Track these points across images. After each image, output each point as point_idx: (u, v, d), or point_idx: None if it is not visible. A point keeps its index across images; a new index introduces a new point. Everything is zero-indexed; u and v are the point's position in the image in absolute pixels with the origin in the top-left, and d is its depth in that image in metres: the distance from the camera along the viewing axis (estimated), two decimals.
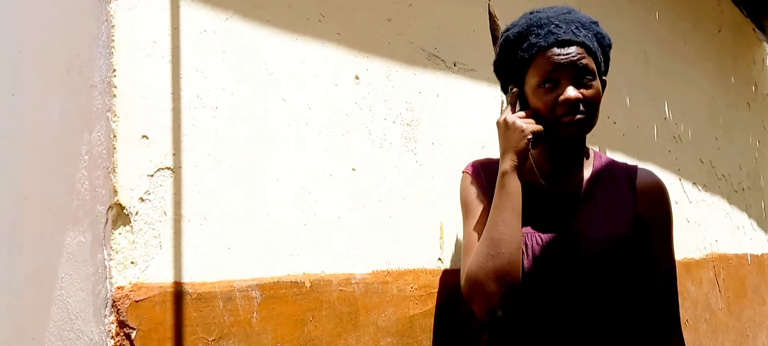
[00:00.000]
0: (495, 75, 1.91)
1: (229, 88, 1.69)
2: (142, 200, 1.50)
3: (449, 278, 2.17)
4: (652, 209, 1.55)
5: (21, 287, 1.72)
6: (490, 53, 2.51)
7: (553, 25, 1.47)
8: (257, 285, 1.69)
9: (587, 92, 1.46)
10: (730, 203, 4.32)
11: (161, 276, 1.52)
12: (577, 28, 1.47)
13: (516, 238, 1.41)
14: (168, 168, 1.55)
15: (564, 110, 1.44)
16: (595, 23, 1.57)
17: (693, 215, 3.82)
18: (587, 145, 1.71)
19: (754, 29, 5.07)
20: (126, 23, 1.50)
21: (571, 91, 1.43)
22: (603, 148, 3.05)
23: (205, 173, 1.62)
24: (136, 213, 1.49)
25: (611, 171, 1.59)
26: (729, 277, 4.13)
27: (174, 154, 1.56)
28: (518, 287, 1.44)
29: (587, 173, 1.57)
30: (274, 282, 1.73)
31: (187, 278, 1.56)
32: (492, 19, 2.54)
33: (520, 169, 1.47)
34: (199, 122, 1.62)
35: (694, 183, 3.91)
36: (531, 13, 1.62)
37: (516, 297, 1.47)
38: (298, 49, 1.86)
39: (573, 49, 1.45)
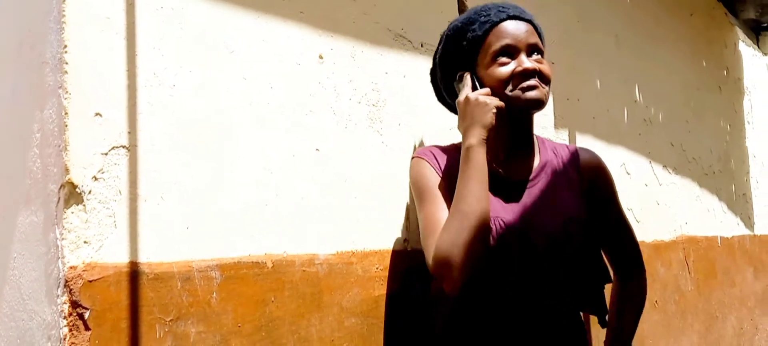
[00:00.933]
0: (430, 76, 2.03)
1: (188, 66, 1.66)
2: (95, 178, 1.47)
3: (403, 260, 2.17)
4: (597, 184, 1.66)
5: None
6: None
7: (500, 8, 1.56)
8: (217, 265, 1.67)
9: (541, 66, 1.52)
10: (700, 186, 4.35)
11: (116, 256, 1.49)
12: (523, 10, 1.56)
13: (486, 209, 1.44)
14: (123, 146, 1.52)
15: (522, 79, 1.49)
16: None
17: (663, 198, 3.85)
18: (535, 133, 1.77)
19: (726, 13, 5.10)
20: (79, 1, 1.47)
21: (528, 61, 1.49)
22: (572, 131, 3.05)
23: (162, 151, 1.59)
24: (90, 192, 1.46)
25: (557, 154, 1.64)
26: (699, 259, 4.17)
27: (129, 133, 1.54)
28: (483, 259, 1.47)
29: (537, 158, 1.61)
30: (234, 262, 1.71)
31: (143, 258, 1.54)
32: (460, 1, 2.53)
33: (486, 142, 1.50)
34: (156, 100, 1.59)
35: (665, 166, 3.93)
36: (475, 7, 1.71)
37: (480, 271, 1.48)
38: (260, 27, 1.83)
39: (525, 25, 1.54)
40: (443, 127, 2.37)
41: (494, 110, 1.49)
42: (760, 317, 5.15)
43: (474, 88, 1.56)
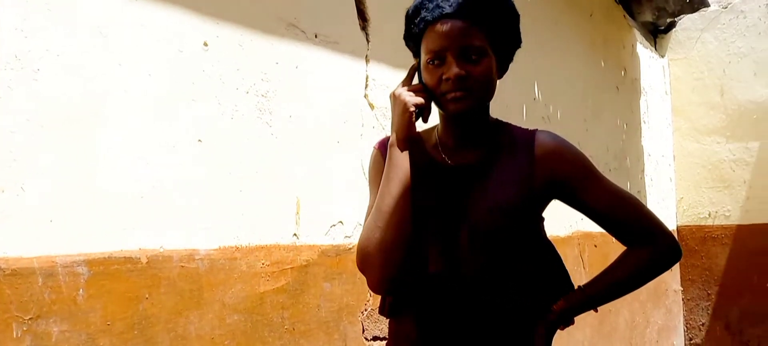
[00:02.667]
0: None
1: (55, 49, 1.57)
2: None
3: (293, 255, 2.12)
4: (558, 167, 1.45)
5: None
6: (353, 27, 2.46)
7: (439, 1, 1.40)
8: (84, 261, 1.58)
9: (474, 69, 1.37)
10: None
11: None
12: (466, 1, 1.38)
13: (402, 209, 1.39)
14: None
15: (448, 88, 1.38)
16: None
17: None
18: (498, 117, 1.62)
19: (624, 15, 5.26)
20: None
21: (453, 69, 1.36)
22: None
23: (23, 139, 1.50)
24: None
25: (513, 141, 1.50)
26: (593, 254, 4.29)
27: None
28: (405, 259, 1.41)
29: (487, 144, 1.50)
30: (104, 258, 1.63)
31: None
32: None
33: (407, 141, 1.43)
34: (17, 84, 1.49)
35: None
36: None
37: (403, 271, 1.42)
38: (138, 11, 1.75)
39: (458, 24, 1.37)
40: (339, 121, 2.34)
41: (412, 109, 1.41)
42: (651, 310, 5.36)
43: (409, 82, 1.49)
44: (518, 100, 3.57)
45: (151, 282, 1.72)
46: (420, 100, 1.41)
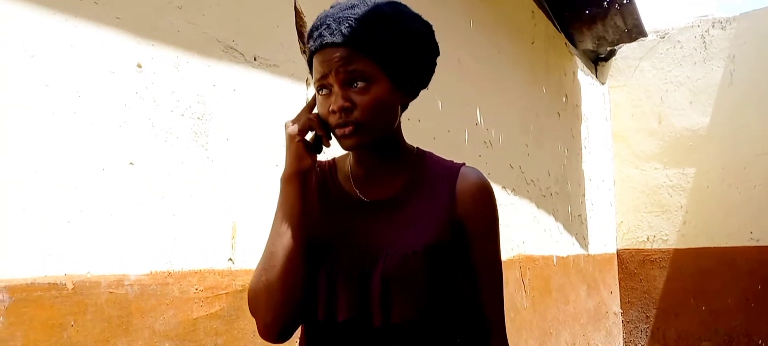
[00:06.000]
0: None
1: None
2: None
3: (228, 280, 2.09)
4: (472, 212, 1.35)
5: None
6: (294, 50, 2.45)
7: (325, 26, 1.29)
8: (5, 287, 1.53)
9: (360, 98, 1.26)
10: (538, 206, 4.54)
11: None
12: (349, 26, 1.27)
13: (289, 250, 1.29)
14: None
15: (335, 120, 1.28)
16: (385, 15, 1.32)
17: (502, 218, 3.97)
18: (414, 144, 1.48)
19: (566, 43, 5.38)
20: None
21: (337, 100, 1.26)
22: None
23: None
24: None
25: (433, 173, 1.39)
26: (535, 277, 4.34)
27: None
28: (295, 304, 1.30)
29: (404, 177, 1.38)
30: (26, 284, 1.57)
31: None
32: (298, 15, 2.49)
33: (300, 175, 1.31)
34: None
35: (504, 187, 4.07)
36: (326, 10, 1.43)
37: (293, 316, 1.32)
38: (67, 31, 1.71)
39: (339, 53, 1.26)
40: (278, 144, 2.32)
41: (297, 139, 1.30)
42: (592, 332, 5.44)
43: (311, 108, 1.37)
44: (461, 124, 3.60)
45: (77, 309, 1.67)
46: (304, 126, 1.30)
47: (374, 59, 1.28)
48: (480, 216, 1.37)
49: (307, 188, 1.33)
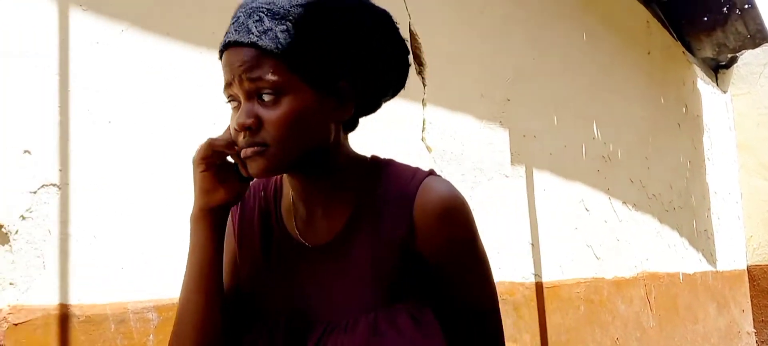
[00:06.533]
0: None
1: (124, 102, 1.63)
2: (23, 217, 1.42)
3: None
4: (437, 246, 1.01)
5: None
6: (410, 71, 2.49)
7: (235, 19, 0.98)
8: (154, 307, 1.62)
9: (267, 115, 0.95)
10: (661, 222, 4.38)
11: (45, 298, 1.44)
12: (258, 21, 0.95)
13: (198, 317, 1.03)
14: (53, 184, 1.48)
15: (241, 141, 0.97)
16: (314, 5, 0.98)
17: (623, 234, 3.86)
18: (371, 153, 1.13)
19: (684, 52, 5.19)
20: (7, 34, 1.43)
21: (238, 118, 0.96)
22: (529, 167, 3.05)
23: (96, 189, 1.55)
24: (17, 232, 1.41)
25: (386, 198, 1.04)
26: (660, 295, 4.18)
27: (61, 170, 1.50)
28: None
29: (350, 208, 1.05)
30: (173, 304, 1.66)
31: (74, 300, 1.49)
32: (413, 37, 2.53)
33: (210, 212, 1.02)
34: (90, 137, 1.55)
35: (625, 202, 3.95)
36: None
37: None
38: (203, 62, 1.81)
39: (244, 54, 0.95)
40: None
41: (201, 169, 1.01)
42: None
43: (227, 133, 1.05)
44: (577, 139, 3.54)
45: None
46: (203, 148, 1.01)
47: (289, 65, 0.95)
48: (445, 244, 1.02)
49: (224, 228, 1.04)
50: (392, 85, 1.07)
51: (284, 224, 1.08)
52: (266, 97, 0.95)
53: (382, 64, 1.03)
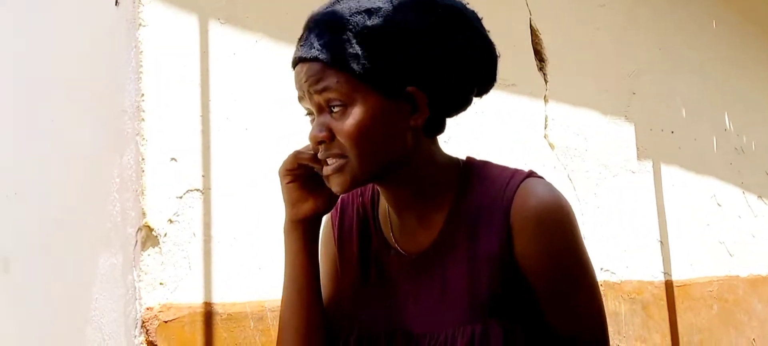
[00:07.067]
0: None
1: (260, 109, 1.70)
2: (170, 221, 1.52)
3: None
4: (532, 252, 0.95)
5: (57, 308, 1.77)
6: (531, 68, 2.46)
7: (304, 34, 0.98)
8: (270, 309, 1.68)
9: (339, 127, 0.94)
10: None
11: (190, 297, 1.53)
12: (319, 33, 0.95)
13: (298, 322, 1.03)
14: (197, 190, 1.57)
15: (319, 156, 0.98)
16: (374, 9, 0.96)
17: (759, 230, 3.66)
18: (466, 156, 1.08)
19: None
20: (154, 48, 1.53)
21: (314, 129, 0.96)
22: (656, 162, 2.95)
23: (235, 193, 1.63)
24: (165, 235, 1.51)
25: (481, 203, 1.00)
26: None
27: (203, 176, 1.58)
28: None
29: (444, 219, 1.02)
30: None
31: (217, 299, 1.57)
32: (533, 33, 2.50)
33: (301, 223, 1.03)
34: (229, 144, 1.64)
35: (760, 196, 3.74)
36: None
37: None
38: None
39: (310, 69, 0.95)
40: (518, 162, 2.34)
41: (287, 181, 1.02)
42: None
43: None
44: (708, 132, 3.39)
45: None
46: (291, 163, 1.02)
47: (350, 72, 0.93)
48: (547, 262, 0.95)
49: (314, 238, 1.04)
50: (477, 82, 1.01)
51: (382, 232, 1.06)
52: (335, 109, 0.94)
53: (457, 62, 0.96)
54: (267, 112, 1.71)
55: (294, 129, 1.76)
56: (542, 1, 2.53)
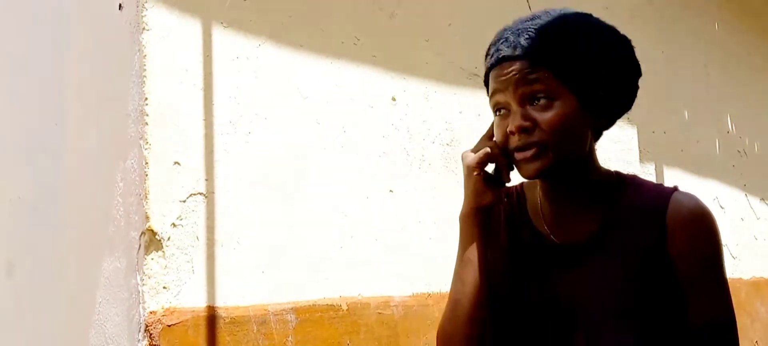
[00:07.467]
0: None
1: (263, 113, 1.70)
2: (174, 225, 1.52)
3: None
4: (684, 247, 1.12)
5: (62, 311, 1.77)
6: None
7: (503, 39, 1.14)
8: (292, 309, 1.69)
9: (541, 117, 1.09)
10: None
11: (194, 300, 1.53)
12: (529, 37, 1.11)
13: (472, 298, 1.15)
14: (200, 193, 1.57)
15: (515, 143, 1.11)
16: (569, 26, 1.16)
17: (761, 232, 3.66)
18: (616, 169, 1.28)
19: None
20: (158, 53, 1.54)
21: (515, 119, 1.09)
22: (658, 164, 2.95)
23: (238, 197, 1.63)
24: (169, 238, 1.51)
25: (637, 206, 1.17)
26: None
27: (206, 180, 1.59)
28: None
29: (601, 214, 1.19)
30: (309, 305, 1.73)
31: (220, 302, 1.58)
32: None
33: (480, 211, 1.16)
34: (232, 148, 1.64)
35: (762, 199, 3.74)
36: None
37: None
38: (333, 72, 1.86)
39: (516, 66, 1.10)
40: None
41: (476, 172, 1.14)
42: None
43: (489, 136, 1.21)
44: (710, 134, 3.38)
45: (351, 329, 1.79)
46: (481, 155, 1.14)
47: (556, 74, 1.10)
48: (695, 257, 1.11)
49: (489, 227, 1.17)
50: (627, 105, 1.18)
51: (532, 224, 1.21)
52: (540, 101, 1.08)
53: (625, 83, 1.16)
54: (270, 116, 1.71)
55: (296, 132, 1.76)
56: (544, 3, 2.52)
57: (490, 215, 1.17)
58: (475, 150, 1.16)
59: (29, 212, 1.95)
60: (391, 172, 1.96)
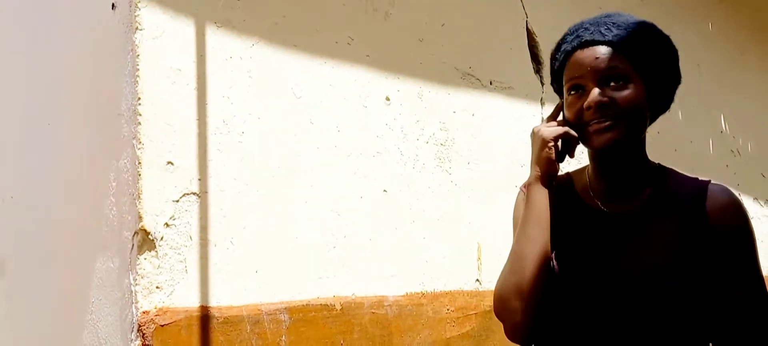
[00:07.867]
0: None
1: (256, 113, 1.70)
2: (167, 225, 1.52)
3: (476, 301, 2.13)
4: (725, 229, 1.28)
5: (54, 311, 1.77)
6: (527, 71, 2.47)
7: (582, 29, 1.33)
8: (286, 308, 1.69)
9: (617, 95, 1.27)
10: None
11: (187, 300, 1.53)
12: (608, 28, 1.31)
13: (538, 253, 1.30)
14: (193, 193, 1.57)
15: (590, 117, 1.28)
16: (642, 24, 1.36)
17: (756, 232, 3.66)
18: (657, 160, 1.44)
19: None
20: (151, 52, 1.54)
21: (594, 95, 1.27)
22: None
23: (231, 197, 1.63)
24: (162, 238, 1.51)
25: (678, 190, 1.34)
26: None
27: (200, 180, 1.59)
28: (540, 306, 1.31)
29: (648, 191, 1.35)
30: (303, 305, 1.73)
31: (213, 302, 1.58)
32: (530, 35, 2.51)
33: (549, 178, 1.34)
34: (225, 147, 1.64)
35: (756, 198, 3.75)
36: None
37: (540, 318, 1.32)
38: (326, 72, 1.86)
39: (598, 50, 1.30)
40: (515, 164, 2.34)
41: (551, 144, 1.31)
42: None
43: (554, 118, 1.40)
44: (703, 133, 3.39)
45: (345, 328, 1.79)
46: (560, 130, 1.32)
47: (632, 61, 1.30)
48: (735, 233, 1.27)
49: (550, 195, 1.33)
50: (669, 105, 1.36)
51: (582, 199, 1.38)
52: (617, 83, 1.26)
53: (674, 85, 1.35)
54: (263, 115, 1.71)
55: (289, 131, 1.76)
56: (539, 4, 2.53)
57: (551, 185, 1.33)
58: (549, 124, 1.33)
59: (22, 212, 1.95)
60: (384, 171, 1.96)
